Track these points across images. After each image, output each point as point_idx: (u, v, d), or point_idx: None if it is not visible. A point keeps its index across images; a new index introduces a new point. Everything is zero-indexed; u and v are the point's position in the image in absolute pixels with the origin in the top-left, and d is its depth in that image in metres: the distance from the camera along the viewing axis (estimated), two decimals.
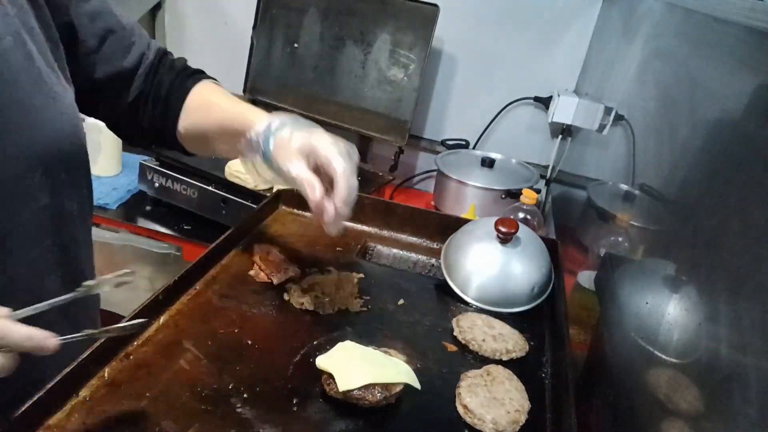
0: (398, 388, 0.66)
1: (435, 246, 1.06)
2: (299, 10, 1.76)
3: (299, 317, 0.81)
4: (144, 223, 1.48)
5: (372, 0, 1.66)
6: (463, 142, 1.80)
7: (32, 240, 0.66)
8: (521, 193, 1.24)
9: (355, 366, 0.65)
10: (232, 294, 0.83)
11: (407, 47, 1.62)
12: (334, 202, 0.68)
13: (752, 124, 0.51)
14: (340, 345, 0.70)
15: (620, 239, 0.90)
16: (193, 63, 0.90)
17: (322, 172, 0.70)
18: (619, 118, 1.07)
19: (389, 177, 1.62)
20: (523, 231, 0.94)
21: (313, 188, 0.68)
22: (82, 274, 0.75)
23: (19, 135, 0.63)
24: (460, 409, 0.67)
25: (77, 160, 0.72)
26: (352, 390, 0.64)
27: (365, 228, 1.09)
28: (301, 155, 0.70)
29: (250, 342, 0.74)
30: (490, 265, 0.91)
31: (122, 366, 0.66)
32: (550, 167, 1.77)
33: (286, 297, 0.83)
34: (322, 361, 0.67)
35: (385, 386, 0.65)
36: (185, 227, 1.48)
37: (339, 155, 0.69)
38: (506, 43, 1.71)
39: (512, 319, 0.87)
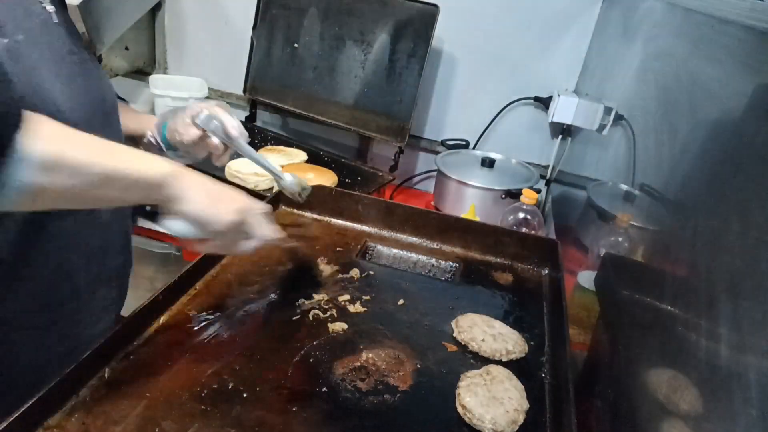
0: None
1: (435, 246, 1.06)
2: (299, 10, 1.76)
3: (299, 317, 0.81)
4: (144, 223, 1.48)
5: (372, 0, 1.66)
6: (463, 142, 1.79)
7: None
8: (521, 193, 1.24)
9: None
10: (232, 294, 0.83)
11: (407, 47, 1.62)
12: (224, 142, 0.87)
13: (752, 125, 0.51)
14: None
15: (620, 239, 0.90)
16: (194, 63, 0.90)
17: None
18: (619, 118, 1.07)
19: (389, 177, 1.62)
20: None
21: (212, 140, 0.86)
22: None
23: None
24: (460, 409, 0.67)
25: None
26: None
27: (365, 228, 1.09)
28: (190, 120, 0.86)
29: (250, 342, 0.74)
30: None
31: (122, 366, 0.66)
32: (550, 167, 1.76)
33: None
34: None
35: None
36: None
37: (226, 112, 0.87)
38: (506, 43, 1.71)
39: (512, 319, 0.87)
